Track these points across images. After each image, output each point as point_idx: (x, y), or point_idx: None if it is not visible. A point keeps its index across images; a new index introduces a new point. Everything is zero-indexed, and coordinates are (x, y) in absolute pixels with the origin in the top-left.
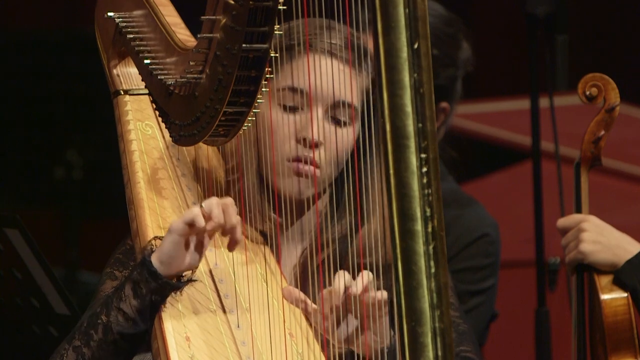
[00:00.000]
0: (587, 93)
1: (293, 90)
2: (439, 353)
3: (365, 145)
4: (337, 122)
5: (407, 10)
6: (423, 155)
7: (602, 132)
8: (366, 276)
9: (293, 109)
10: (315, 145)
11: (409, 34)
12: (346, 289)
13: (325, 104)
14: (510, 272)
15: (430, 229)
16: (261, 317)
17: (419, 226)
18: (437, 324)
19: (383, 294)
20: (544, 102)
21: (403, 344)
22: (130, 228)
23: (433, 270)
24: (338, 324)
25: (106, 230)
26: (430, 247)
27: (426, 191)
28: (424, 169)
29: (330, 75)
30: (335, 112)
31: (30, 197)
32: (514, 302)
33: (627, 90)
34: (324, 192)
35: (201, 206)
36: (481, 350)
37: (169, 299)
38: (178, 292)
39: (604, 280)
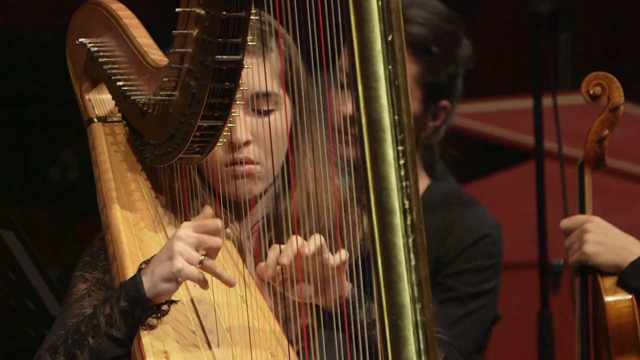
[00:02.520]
0: (591, 92)
1: None
2: (421, 346)
3: (301, 125)
4: (262, 113)
5: (380, 3)
6: (400, 148)
7: (606, 132)
8: (318, 239)
9: None
10: (246, 144)
11: (382, 26)
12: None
13: (244, 100)
14: (513, 274)
15: (409, 222)
16: (241, 336)
17: (397, 219)
18: (418, 317)
19: (340, 256)
20: (547, 101)
21: (385, 338)
22: (107, 252)
23: (413, 263)
24: (295, 282)
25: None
26: (410, 240)
27: (404, 183)
28: (402, 161)
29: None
30: (256, 104)
31: (25, 198)
32: (516, 304)
33: (631, 89)
34: (274, 182)
35: (201, 261)
36: (483, 353)
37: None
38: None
39: (608, 282)
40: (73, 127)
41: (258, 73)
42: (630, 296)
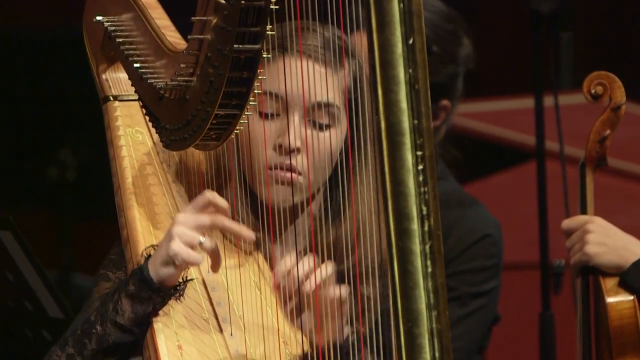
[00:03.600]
0: (593, 91)
1: (269, 95)
2: (436, 354)
3: (352, 146)
4: (317, 125)
5: (401, 5)
6: (419, 153)
7: (608, 132)
8: (325, 270)
9: (271, 115)
10: (293, 151)
11: (403, 29)
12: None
13: (304, 109)
14: (514, 275)
15: (426, 228)
16: (255, 325)
17: (415, 225)
18: (434, 325)
19: (342, 292)
20: (548, 101)
21: (400, 345)
22: (121, 235)
23: (430, 270)
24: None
25: (100, 232)
26: (427, 247)
27: (422, 189)
28: (420, 167)
29: (307, 77)
30: (314, 115)
31: (23, 198)
32: (517, 305)
33: (632, 89)
34: (314, 197)
35: (201, 242)
36: (484, 354)
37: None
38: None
39: (609, 283)
40: (72, 127)
41: (322, 84)
42: (632, 297)
